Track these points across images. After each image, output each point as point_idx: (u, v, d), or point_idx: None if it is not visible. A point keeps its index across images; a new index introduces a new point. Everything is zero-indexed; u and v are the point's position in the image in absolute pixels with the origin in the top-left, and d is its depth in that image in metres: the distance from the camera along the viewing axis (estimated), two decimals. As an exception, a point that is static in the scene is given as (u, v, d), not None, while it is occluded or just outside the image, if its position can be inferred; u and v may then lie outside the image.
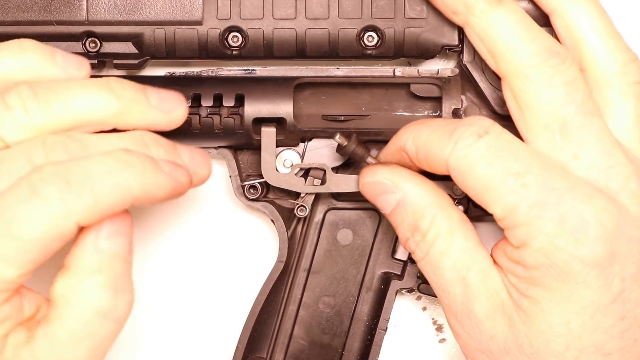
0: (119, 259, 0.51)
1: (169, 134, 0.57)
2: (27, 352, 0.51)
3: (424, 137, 0.56)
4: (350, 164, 0.63)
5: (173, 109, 0.54)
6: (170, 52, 0.59)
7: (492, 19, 0.56)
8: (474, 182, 0.54)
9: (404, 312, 0.68)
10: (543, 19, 0.58)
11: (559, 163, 0.54)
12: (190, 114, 0.61)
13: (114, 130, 0.53)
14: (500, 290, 0.55)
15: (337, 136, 0.59)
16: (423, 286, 0.63)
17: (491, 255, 0.57)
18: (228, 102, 0.60)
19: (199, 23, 0.60)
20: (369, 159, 0.59)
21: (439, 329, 0.68)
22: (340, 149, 0.59)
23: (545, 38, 0.55)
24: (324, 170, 0.62)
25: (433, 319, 0.68)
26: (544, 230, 0.53)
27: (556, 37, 0.57)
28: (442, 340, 0.68)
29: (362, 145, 0.59)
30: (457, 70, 0.62)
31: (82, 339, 0.51)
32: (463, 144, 0.54)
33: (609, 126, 0.56)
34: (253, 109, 0.61)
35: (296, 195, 0.63)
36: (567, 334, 0.54)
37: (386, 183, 0.57)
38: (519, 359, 0.55)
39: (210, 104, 0.61)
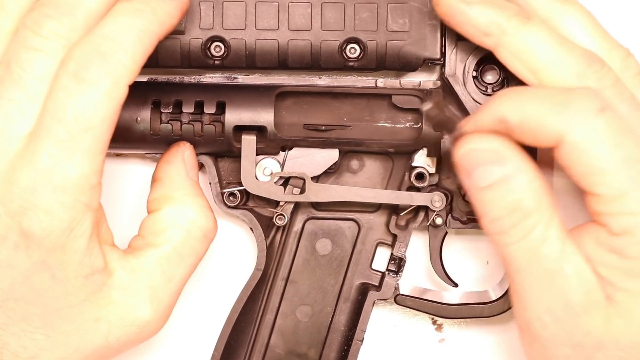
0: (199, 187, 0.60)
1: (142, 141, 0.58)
2: (134, 259, 0.56)
3: (532, 107, 0.53)
4: (330, 173, 0.63)
5: None
6: (152, 60, 0.58)
7: (527, 36, 0.55)
8: (588, 160, 0.52)
9: (404, 311, 0.67)
10: None
11: None
12: (171, 120, 0.61)
13: None
14: (596, 286, 0.53)
15: (424, 105, 0.59)
16: (400, 297, 0.64)
17: None
18: (209, 109, 0.60)
19: (182, 33, 0.60)
20: (459, 129, 0.55)
21: (439, 329, 0.68)
22: (428, 117, 0.58)
23: (577, 46, 0.55)
24: (304, 180, 0.62)
25: (433, 319, 0.68)
26: None
27: None
28: (442, 340, 0.68)
29: (449, 110, 0.57)
30: (439, 83, 0.62)
31: (187, 256, 0.58)
32: (582, 118, 0.52)
33: None
34: (234, 116, 0.60)
35: (275, 203, 0.63)
36: None
37: (500, 152, 0.53)
38: (614, 354, 0.53)
39: (192, 110, 0.60)
